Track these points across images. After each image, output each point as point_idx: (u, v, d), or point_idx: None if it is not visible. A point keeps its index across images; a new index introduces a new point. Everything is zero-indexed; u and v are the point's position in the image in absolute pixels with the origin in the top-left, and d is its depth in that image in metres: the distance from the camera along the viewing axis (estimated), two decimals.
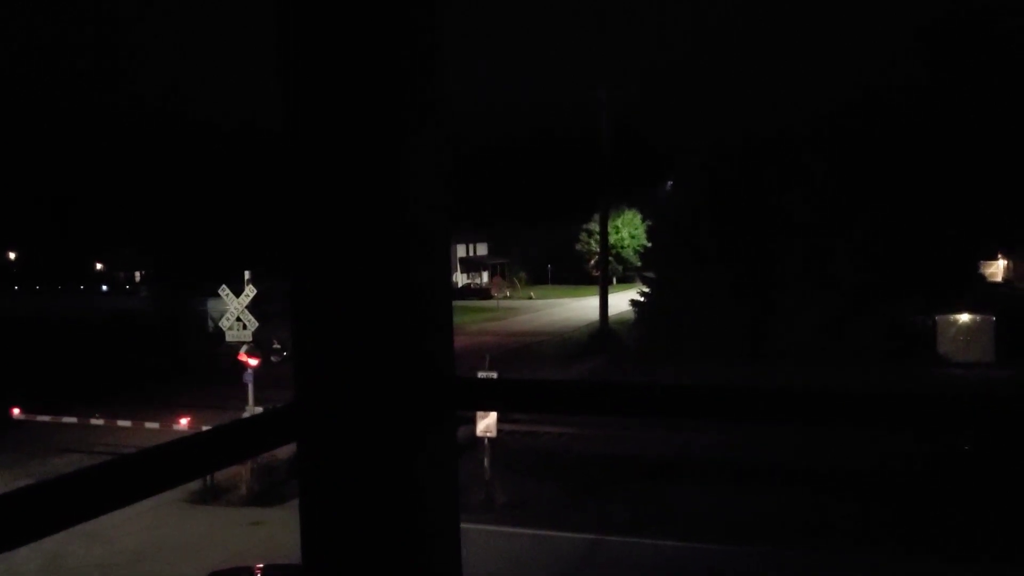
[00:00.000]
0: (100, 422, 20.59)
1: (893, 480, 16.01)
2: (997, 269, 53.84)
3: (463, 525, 1.48)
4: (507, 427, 18.75)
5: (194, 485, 16.31)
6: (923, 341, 30.32)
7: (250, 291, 20.17)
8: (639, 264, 45.57)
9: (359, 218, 1.37)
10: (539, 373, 29.08)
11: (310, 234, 1.40)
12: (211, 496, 16.75)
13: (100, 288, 70.47)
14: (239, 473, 16.83)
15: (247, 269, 20.62)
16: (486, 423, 16.29)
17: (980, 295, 32.84)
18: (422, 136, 1.41)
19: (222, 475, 16.58)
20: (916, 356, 29.05)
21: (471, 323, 44.55)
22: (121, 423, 20.33)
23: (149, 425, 20.01)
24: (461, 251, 71.08)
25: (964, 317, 30.36)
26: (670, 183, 40.14)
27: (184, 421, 19.50)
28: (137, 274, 72.81)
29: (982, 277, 39.79)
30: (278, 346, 29.75)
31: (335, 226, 1.38)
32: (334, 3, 1.36)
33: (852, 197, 30.31)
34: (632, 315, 37.20)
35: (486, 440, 16.32)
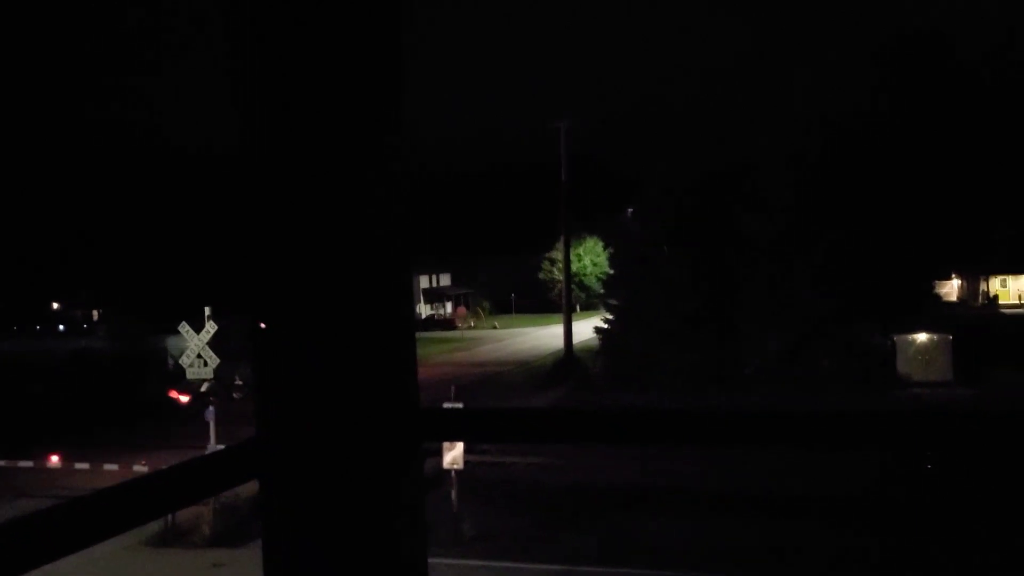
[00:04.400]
0: (57, 465, 20.13)
1: (865, 504, 16.07)
2: (951, 289, 55.00)
3: (431, 560, 1.45)
4: (474, 458, 18.61)
5: (154, 527, 15.93)
6: (882, 362, 30.68)
7: (210, 327, 19.92)
8: (602, 291, 45.71)
9: (318, 251, 1.36)
10: (505, 403, 28.96)
11: (269, 268, 1.39)
12: (172, 538, 16.37)
13: (57, 328, 69.13)
14: (201, 513, 16.49)
15: (207, 305, 20.38)
16: (453, 455, 16.16)
17: (936, 315, 33.42)
18: (381, 168, 1.40)
19: (183, 516, 16.23)
20: (876, 377, 29.39)
21: (435, 354, 44.33)
22: (79, 466, 19.88)
23: (108, 467, 19.61)
24: (424, 282, 70.88)
25: (922, 337, 30.81)
26: (630, 209, 40.45)
27: (144, 461, 19.16)
28: (95, 313, 71.46)
29: (937, 297, 40.50)
30: (240, 383, 29.42)
31: (294, 259, 1.37)
32: (290, 32, 1.35)
33: (811, 221, 30.77)
34: (597, 342, 37.30)
35: (453, 472, 16.19)
